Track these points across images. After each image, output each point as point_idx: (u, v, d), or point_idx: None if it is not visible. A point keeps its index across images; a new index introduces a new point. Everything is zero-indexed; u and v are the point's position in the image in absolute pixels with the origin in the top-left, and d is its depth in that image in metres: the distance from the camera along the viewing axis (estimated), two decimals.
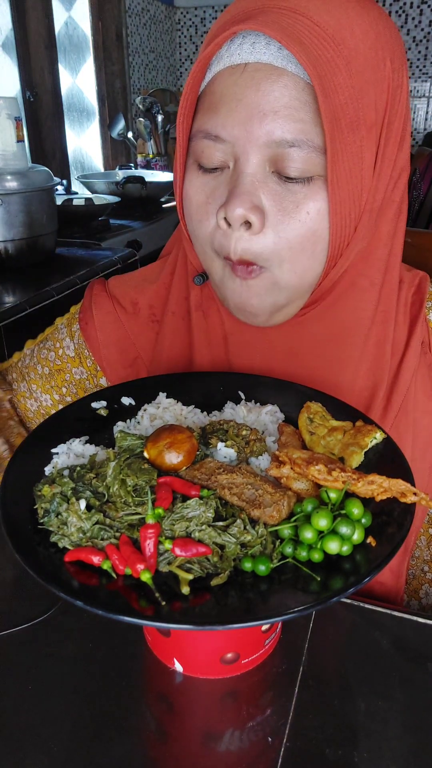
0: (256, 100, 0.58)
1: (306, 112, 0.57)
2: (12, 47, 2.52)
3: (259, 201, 0.60)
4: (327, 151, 0.57)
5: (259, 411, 0.63)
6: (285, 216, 0.60)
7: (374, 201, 0.63)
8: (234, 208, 0.59)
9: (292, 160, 0.58)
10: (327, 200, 0.60)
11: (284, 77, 0.57)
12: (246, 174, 0.60)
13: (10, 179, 1.65)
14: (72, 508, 0.48)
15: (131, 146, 3.12)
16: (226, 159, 0.61)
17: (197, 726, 0.55)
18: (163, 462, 0.51)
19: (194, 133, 0.63)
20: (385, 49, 0.60)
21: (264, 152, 0.59)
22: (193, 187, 0.65)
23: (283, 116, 0.57)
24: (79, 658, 0.61)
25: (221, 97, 0.60)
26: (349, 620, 0.66)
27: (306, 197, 0.60)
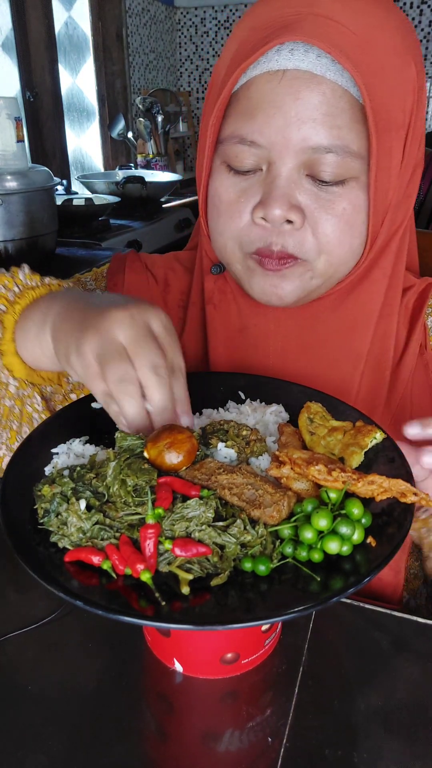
0: (295, 108, 0.59)
1: (342, 118, 0.59)
2: (12, 47, 2.52)
3: (296, 201, 0.62)
4: (371, 155, 0.59)
5: (264, 410, 0.63)
6: (323, 212, 0.62)
7: (398, 196, 0.66)
8: (273, 209, 0.61)
9: (327, 165, 0.60)
10: (363, 197, 0.62)
11: (323, 85, 0.58)
12: (282, 177, 0.61)
13: (10, 179, 1.65)
14: (72, 508, 0.48)
15: (131, 146, 3.12)
16: (259, 163, 0.63)
17: (197, 726, 0.55)
18: (163, 462, 0.51)
19: (226, 137, 0.64)
20: (409, 52, 0.62)
21: (299, 157, 0.60)
22: (222, 185, 0.66)
23: (321, 123, 0.59)
24: (79, 658, 0.61)
25: (258, 103, 0.61)
26: (349, 620, 0.66)
27: (341, 196, 0.62)
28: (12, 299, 0.68)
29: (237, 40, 0.64)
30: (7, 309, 0.67)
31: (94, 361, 0.52)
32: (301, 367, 0.74)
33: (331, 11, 0.59)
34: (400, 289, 0.74)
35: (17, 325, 0.67)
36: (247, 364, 0.76)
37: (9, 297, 0.68)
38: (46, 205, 1.76)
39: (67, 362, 0.57)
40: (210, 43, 3.76)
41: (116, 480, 0.51)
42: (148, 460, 0.53)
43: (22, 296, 0.68)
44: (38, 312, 0.65)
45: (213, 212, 0.69)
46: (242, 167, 0.64)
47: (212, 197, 0.68)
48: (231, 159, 0.64)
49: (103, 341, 0.52)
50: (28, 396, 0.70)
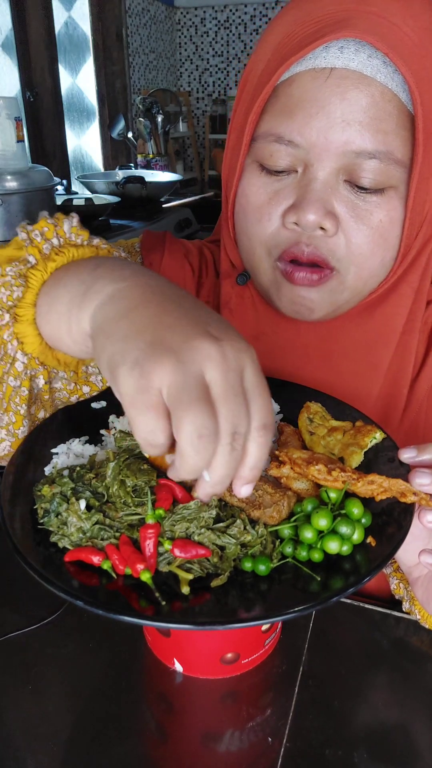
0: (341, 109, 0.56)
1: (389, 123, 0.56)
2: (12, 47, 2.52)
3: (332, 207, 0.59)
4: (415, 164, 0.56)
5: None
6: (358, 222, 0.60)
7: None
8: (307, 214, 0.58)
9: (369, 171, 0.57)
10: (400, 209, 0.60)
11: (372, 87, 0.56)
12: (318, 180, 0.58)
13: (10, 179, 1.65)
14: (72, 508, 0.48)
15: (131, 146, 3.12)
16: (295, 164, 0.60)
17: (197, 726, 0.55)
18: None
19: (261, 134, 0.61)
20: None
21: (340, 161, 0.58)
22: (252, 186, 0.63)
23: (367, 126, 0.56)
24: (80, 658, 0.61)
25: (300, 101, 0.57)
26: (349, 620, 0.66)
27: (378, 206, 0.59)
28: (47, 253, 0.54)
29: (279, 35, 0.60)
30: (38, 264, 0.53)
31: (158, 396, 0.39)
32: (319, 378, 0.71)
33: (384, 10, 0.56)
34: (424, 304, 0.71)
35: (45, 287, 0.52)
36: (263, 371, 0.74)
37: (44, 249, 0.54)
38: (46, 205, 1.76)
39: (111, 370, 0.42)
40: (210, 43, 3.76)
41: (115, 480, 0.51)
42: (148, 461, 0.53)
43: (60, 252, 0.54)
44: (77, 280, 0.50)
45: (241, 214, 0.65)
46: (276, 167, 0.60)
47: (241, 198, 0.64)
48: (264, 158, 0.60)
49: (184, 373, 0.39)
50: (36, 377, 0.57)
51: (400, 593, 0.66)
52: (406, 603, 0.65)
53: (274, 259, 0.63)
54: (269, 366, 0.73)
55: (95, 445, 0.59)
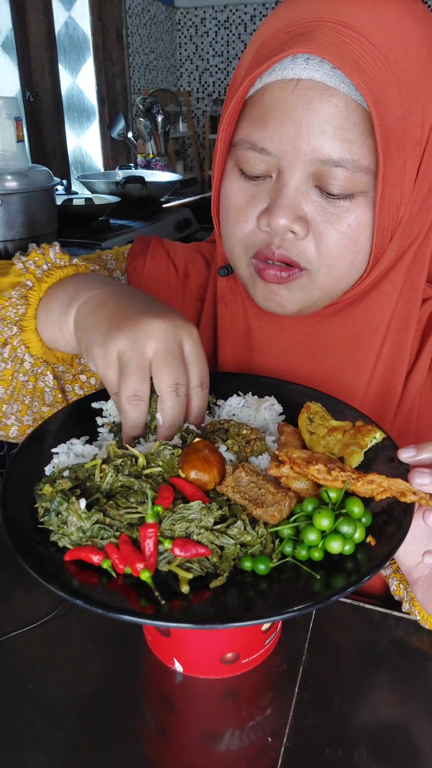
0: (307, 118, 0.58)
1: (354, 132, 0.58)
2: (12, 47, 2.52)
3: (302, 212, 0.61)
4: (378, 172, 0.58)
5: (258, 405, 0.63)
6: (327, 226, 0.62)
7: (411, 212, 0.64)
8: (278, 218, 0.60)
9: (336, 179, 0.59)
10: (369, 214, 0.61)
11: (336, 97, 0.57)
12: (290, 186, 0.61)
13: (10, 179, 1.64)
14: (72, 508, 0.48)
15: (131, 146, 3.12)
16: (270, 170, 0.62)
17: (197, 726, 0.55)
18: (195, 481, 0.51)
19: (239, 141, 0.64)
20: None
21: (309, 168, 0.60)
22: (232, 189, 0.66)
23: (332, 136, 0.58)
24: (80, 658, 0.61)
25: (271, 110, 0.60)
26: (349, 620, 0.66)
27: (348, 211, 0.61)
28: (40, 276, 0.70)
29: (258, 42, 0.64)
30: (34, 285, 0.69)
31: (116, 363, 0.55)
32: (303, 373, 0.73)
33: (353, 19, 0.57)
34: (416, 304, 0.72)
35: (41, 303, 0.68)
36: (251, 366, 0.76)
37: (37, 274, 0.70)
38: (46, 205, 1.76)
39: (87, 353, 0.60)
40: (210, 43, 3.76)
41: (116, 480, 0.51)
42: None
43: (50, 274, 0.70)
44: (63, 294, 0.66)
45: (223, 214, 0.69)
46: (253, 173, 0.63)
47: (223, 200, 0.68)
48: (242, 164, 0.64)
49: (131, 348, 0.55)
50: (42, 373, 0.71)
51: (400, 594, 0.66)
52: (406, 604, 0.65)
53: (249, 257, 0.67)
54: (257, 359, 0.76)
55: (95, 445, 0.59)
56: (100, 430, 0.62)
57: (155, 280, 0.84)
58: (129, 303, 0.59)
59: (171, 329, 0.56)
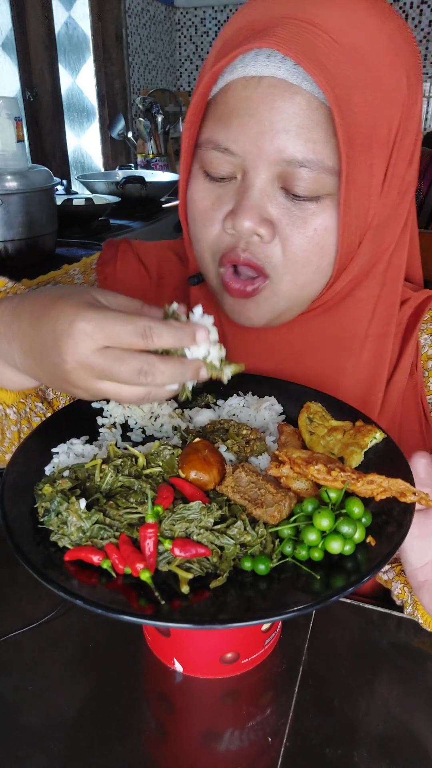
0: (270, 117, 0.56)
1: (318, 132, 0.57)
2: (12, 47, 2.52)
3: (267, 214, 0.59)
4: (341, 173, 0.56)
5: (258, 405, 0.63)
6: (293, 229, 0.60)
7: (380, 217, 0.63)
8: (242, 221, 0.58)
9: (301, 180, 0.58)
10: (335, 218, 0.60)
11: (298, 96, 0.56)
12: (255, 188, 0.59)
13: (10, 179, 1.64)
14: (72, 508, 0.48)
15: (131, 146, 3.12)
16: (235, 171, 0.61)
17: (197, 726, 0.55)
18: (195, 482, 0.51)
19: (203, 142, 0.62)
20: (403, 64, 0.59)
21: (273, 169, 0.58)
22: (198, 191, 0.64)
23: (295, 135, 0.56)
24: (79, 658, 0.61)
25: (234, 109, 0.58)
26: (349, 620, 0.66)
27: (314, 214, 0.60)
28: None
29: (222, 39, 0.62)
30: None
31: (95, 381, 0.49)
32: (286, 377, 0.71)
33: (318, 17, 0.56)
34: (395, 309, 0.71)
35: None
36: None
37: None
38: (45, 205, 1.76)
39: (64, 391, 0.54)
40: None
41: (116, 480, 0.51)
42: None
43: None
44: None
45: (190, 219, 0.67)
46: (218, 174, 0.61)
47: (189, 203, 0.66)
48: (207, 165, 0.62)
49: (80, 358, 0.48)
50: (31, 410, 0.68)
51: (404, 597, 0.65)
52: (409, 607, 0.64)
53: (218, 266, 0.65)
54: None
55: (95, 445, 0.59)
56: (101, 430, 0.62)
57: (128, 286, 0.81)
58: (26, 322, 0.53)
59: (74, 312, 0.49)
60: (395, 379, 0.73)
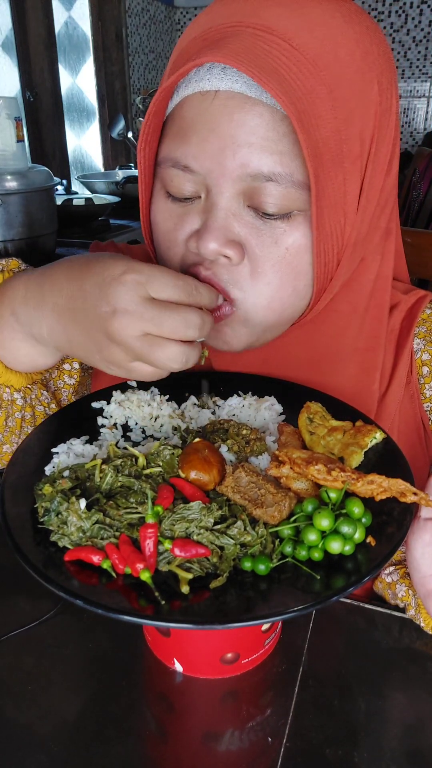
0: (230, 131, 0.53)
1: (284, 144, 0.53)
2: (12, 47, 2.52)
3: (234, 235, 0.56)
4: (312, 189, 0.52)
5: (258, 405, 0.63)
6: (263, 249, 0.57)
7: (359, 233, 0.60)
8: (207, 242, 0.55)
9: (269, 196, 0.54)
10: (308, 236, 0.57)
11: (258, 106, 0.52)
12: (219, 207, 0.56)
13: (10, 179, 1.64)
14: (72, 508, 0.48)
15: (131, 146, 3.12)
16: (198, 189, 0.57)
17: (197, 726, 0.55)
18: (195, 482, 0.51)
19: (162, 160, 0.59)
20: (373, 69, 0.55)
21: (238, 185, 0.55)
22: (160, 213, 0.61)
23: (259, 148, 0.53)
24: (79, 658, 0.60)
25: (192, 124, 0.55)
26: (349, 620, 0.65)
27: (285, 233, 0.56)
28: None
29: (179, 50, 0.59)
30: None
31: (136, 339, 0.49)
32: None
33: (275, 23, 0.52)
34: (384, 319, 0.68)
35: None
36: None
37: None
38: (45, 205, 1.76)
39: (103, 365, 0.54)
40: None
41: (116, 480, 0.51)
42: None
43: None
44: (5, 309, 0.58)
45: (155, 241, 0.64)
46: (180, 194, 0.58)
47: (153, 224, 0.63)
48: (168, 184, 0.58)
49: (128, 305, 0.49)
50: (36, 397, 0.67)
51: (408, 599, 0.65)
52: (412, 610, 0.64)
53: None
54: None
55: (95, 445, 0.59)
56: (101, 430, 0.62)
57: None
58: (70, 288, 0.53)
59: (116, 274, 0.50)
60: (391, 390, 0.70)
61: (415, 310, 0.71)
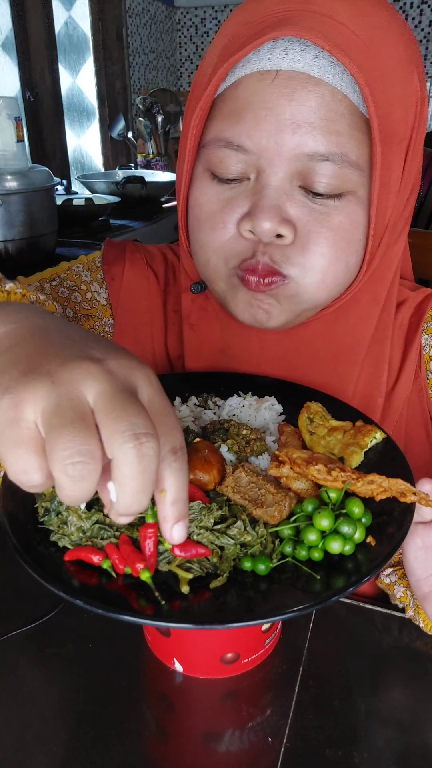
0: (290, 110, 0.53)
1: (342, 124, 0.54)
2: (12, 47, 2.51)
3: (287, 214, 0.56)
4: (374, 167, 0.54)
5: (258, 405, 0.63)
6: (317, 226, 0.57)
7: (395, 216, 0.61)
8: (262, 221, 0.55)
9: (322, 175, 0.55)
10: (360, 214, 0.58)
11: (321, 87, 0.53)
12: (272, 187, 0.56)
13: (10, 179, 1.64)
14: (72, 508, 0.48)
15: (131, 146, 3.12)
16: (247, 170, 0.57)
17: (197, 726, 0.55)
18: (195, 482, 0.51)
19: (210, 141, 0.58)
20: (412, 61, 0.57)
21: (292, 165, 0.55)
22: (204, 195, 0.60)
23: (318, 128, 0.54)
24: (79, 658, 0.60)
25: (247, 104, 0.55)
26: (349, 620, 0.65)
27: (337, 209, 0.57)
28: None
29: (226, 37, 0.59)
30: None
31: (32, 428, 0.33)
32: None
33: (330, 9, 0.53)
34: (393, 311, 0.69)
35: None
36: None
37: None
38: (46, 205, 1.76)
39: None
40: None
41: None
42: None
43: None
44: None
45: (194, 224, 0.62)
46: (227, 175, 0.57)
47: (193, 208, 0.62)
48: (215, 165, 0.58)
49: (58, 399, 0.33)
50: None
51: (406, 600, 0.65)
52: (411, 611, 0.64)
53: (231, 268, 0.61)
54: None
55: None
56: None
57: (135, 288, 0.76)
58: (59, 338, 0.39)
59: (121, 371, 0.36)
60: (399, 384, 0.70)
61: (424, 307, 0.72)
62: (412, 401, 0.72)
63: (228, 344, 0.71)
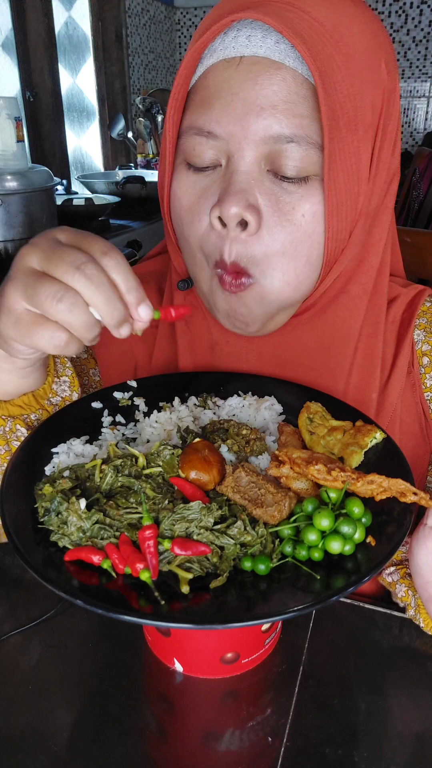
0: (254, 94, 0.55)
1: (305, 107, 0.56)
2: (12, 47, 2.51)
3: (254, 200, 0.57)
4: (324, 148, 0.55)
5: (258, 405, 0.63)
6: (281, 217, 0.58)
7: (369, 205, 0.62)
8: (229, 206, 0.56)
9: (289, 158, 0.56)
10: (323, 203, 0.58)
11: (282, 71, 0.55)
12: (240, 171, 0.57)
13: (10, 179, 1.64)
14: (72, 508, 0.48)
15: (131, 146, 3.12)
16: (219, 156, 0.59)
17: (197, 726, 0.55)
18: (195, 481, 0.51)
19: (184, 130, 0.60)
20: (380, 50, 0.59)
21: (260, 149, 0.57)
22: (182, 187, 0.62)
23: (282, 110, 0.55)
24: (80, 658, 0.60)
25: (215, 91, 0.57)
26: (349, 620, 0.65)
27: (302, 198, 0.58)
28: None
29: (203, 28, 0.60)
30: None
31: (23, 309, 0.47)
32: None
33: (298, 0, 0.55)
34: (384, 305, 0.70)
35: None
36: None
37: None
38: (46, 205, 1.76)
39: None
40: None
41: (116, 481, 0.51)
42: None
43: None
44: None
45: (176, 217, 0.64)
46: (201, 163, 0.59)
47: (174, 200, 0.63)
48: (189, 154, 0.60)
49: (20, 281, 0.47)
50: (11, 431, 0.61)
51: (408, 600, 0.65)
52: (411, 610, 0.64)
53: (212, 265, 0.62)
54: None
55: (95, 445, 0.59)
56: (103, 430, 0.61)
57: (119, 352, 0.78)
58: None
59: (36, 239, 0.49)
60: (393, 379, 0.71)
61: (416, 303, 0.73)
62: (406, 396, 0.73)
63: (216, 341, 0.72)
